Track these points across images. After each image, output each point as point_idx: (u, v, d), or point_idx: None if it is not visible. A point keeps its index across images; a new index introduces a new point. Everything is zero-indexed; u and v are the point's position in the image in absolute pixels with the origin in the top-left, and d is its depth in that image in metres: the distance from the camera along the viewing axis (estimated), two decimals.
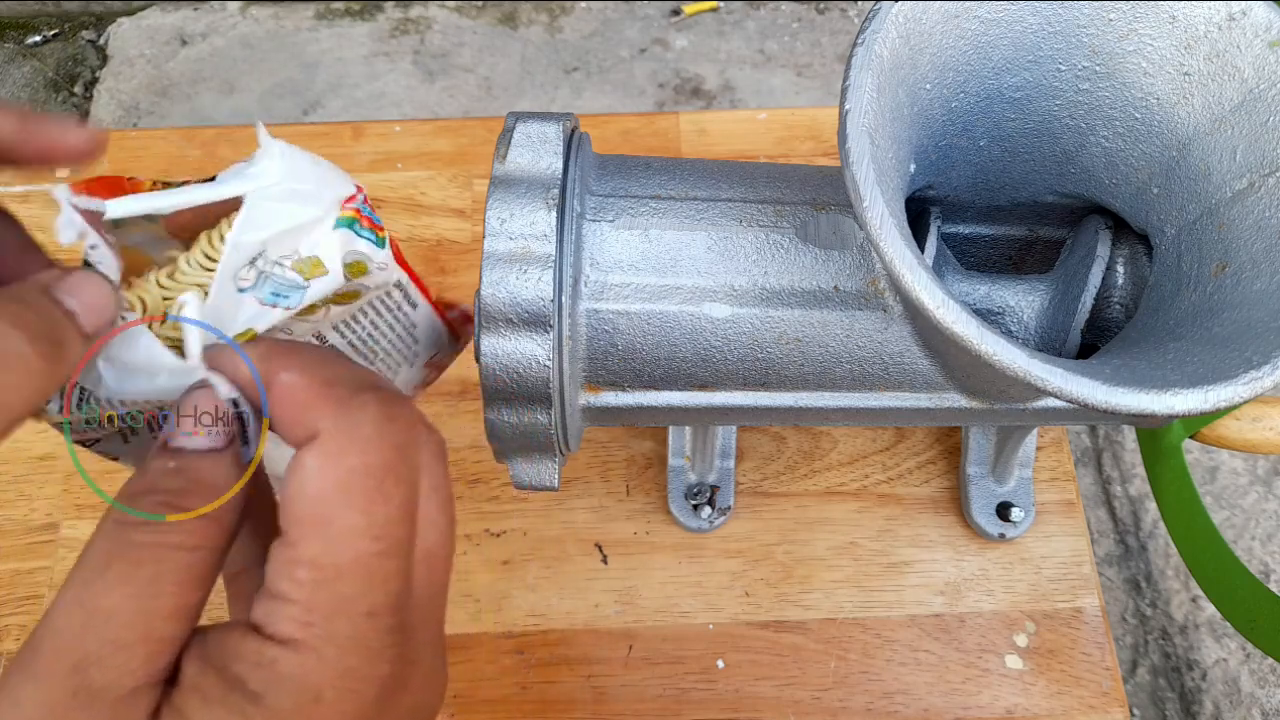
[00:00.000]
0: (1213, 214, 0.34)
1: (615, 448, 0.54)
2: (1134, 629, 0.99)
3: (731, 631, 0.50)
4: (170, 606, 0.21)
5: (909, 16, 0.32)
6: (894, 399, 0.39)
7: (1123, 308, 0.39)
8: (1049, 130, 0.37)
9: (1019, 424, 0.46)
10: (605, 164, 0.39)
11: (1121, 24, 0.34)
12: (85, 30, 1.42)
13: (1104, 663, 0.50)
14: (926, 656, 0.50)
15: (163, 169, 0.62)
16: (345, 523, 0.22)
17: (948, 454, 0.54)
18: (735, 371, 0.38)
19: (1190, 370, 0.30)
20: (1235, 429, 0.44)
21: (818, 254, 0.37)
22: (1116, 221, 0.38)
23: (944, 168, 0.38)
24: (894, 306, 0.36)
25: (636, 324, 0.37)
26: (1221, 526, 1.00)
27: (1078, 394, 0.29)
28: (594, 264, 0.37)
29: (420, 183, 0.62)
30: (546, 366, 0.35)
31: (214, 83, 1.35)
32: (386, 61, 1.36)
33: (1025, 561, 0.52)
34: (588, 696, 0.49)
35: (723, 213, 0.37)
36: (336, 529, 0.22)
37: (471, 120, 0.65)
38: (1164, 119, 0.35)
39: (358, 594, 0.22)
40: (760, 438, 0.55)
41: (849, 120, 0.30)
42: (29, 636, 0.21)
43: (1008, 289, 0.39)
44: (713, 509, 0.51)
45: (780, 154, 0.63)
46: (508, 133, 0.37)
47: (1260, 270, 0.32)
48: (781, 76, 1.35)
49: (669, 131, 0.64)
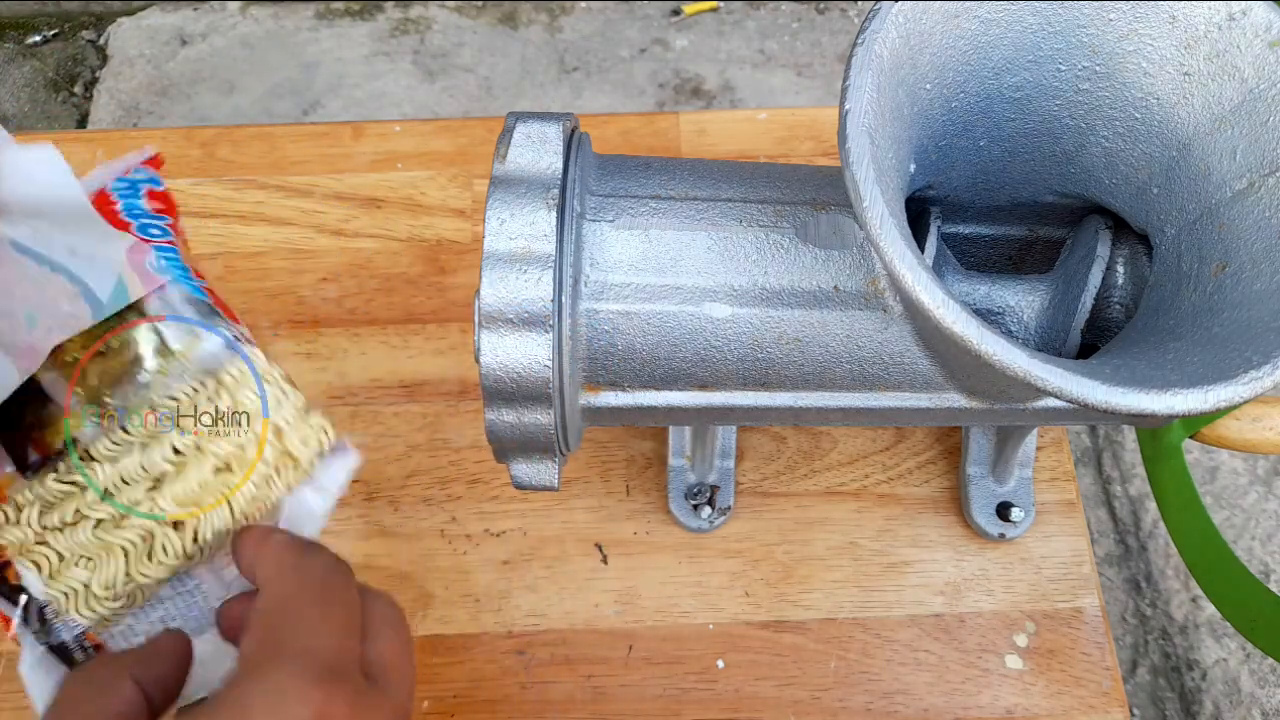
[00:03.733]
0: (1213, 214, 0.34)
1: (615, 448, 0.54)
2: (1134, 629, 0.99)
3: (731, 631, 0.50)
4: None
5: (909, 16, 0.32)
6: (894, 399, 0.39)
7: (1123, 308, 0.39)
8: (1049, 130, 0.37)
9: (1019, 424, 0.46)
10: (605, 164, 0.39)
11: (1121, 24, 0.34)
12: (85, 30, 1.42)
13: (1104, 663, 0.50)
14: (926, 656, 0.50)
15: (162, 169, 0.62)
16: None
17: (948, 454, 0.54)
18: (735, 371, 0.38)
19: (1190, 370, 0.30)
20: (1235, 429, 0.44)
21: (818, 254, 0.37)
22: (1116, 221, 0.38)
23: (944, 168, 0.38)
24: (894, 306, 0.36)
25: (636, 324, 0.37)
26: (1221, 526, 1.00)
27: (1078, 394, 0.29)
28: (594, 264, 0.37)
29: (420, 183, 0.62)
30: (546, 366, 0.35)
31: (214, 83, 1.35)
32: (386, 61, 1.36)
33: (1025, 561, 0.52)
34: (588, 696, 0.49)
35: (723, 213, 0.37)
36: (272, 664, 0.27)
37: (471, 120, 0.65)
38: (1164, 119, 0.35)
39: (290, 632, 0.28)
40: (760, 438, 0.55)
41: (849, 120, 0.30)
42: None
43: (1008, 289, 0.39)
44: (713, 509, 0.51)
45: (780, 154, 0.63)
46: (508, 133, 0.37)
47: (1260, 270, 0.32)
48: (781, 76, 1.35)
49: (669, 131, 0.64)
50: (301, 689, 0.25)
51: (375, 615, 0.30)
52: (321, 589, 0.29)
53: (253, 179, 0.61)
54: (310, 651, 0.27)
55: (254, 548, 0.32)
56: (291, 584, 0.29)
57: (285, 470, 0.34)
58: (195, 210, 0.60)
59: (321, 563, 0.31)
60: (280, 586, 0.29)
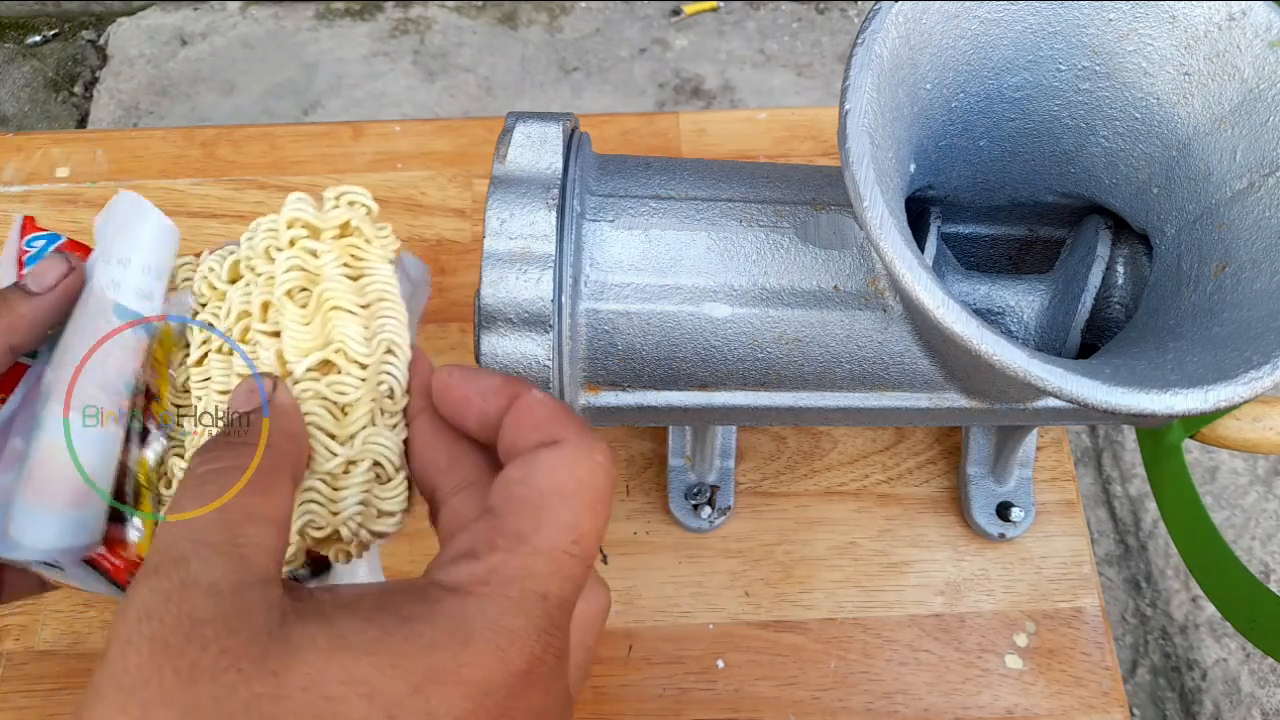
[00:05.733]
0: (1213, 214, 0.34)
1: (615, 448, 0.54)
2: (1134, 629, 0.99)
3: (731, 631, 0.50)
4: (241, 512, 0.24)
5: (909, 16, 0.32)
6: (894, 399, 0.39)
7: (1123, 308, 0.39)
8: (1049, 130, 0.37)
9: (1019, 424, 0.46)
10: (605, 164, 0.39)
11: (1121, 24, 0.34)
12: (85, 30, 1.42)
13: (1104, 663, 0.50)
14: (926, 656, 0.50)
15: (162, 169, 0.62)
16: (557, 516, 0.24)
17: (948, 454, 0.54)
18: (735, 371, 0.38)
19: (1190, 370, 0.30)
20: (1235, 429, 0.44)
21: (818, 254, 0.37)
22: (1116, 221, 0.38)
23: (944, 167, 0.38)
24: (894, 306, 0.36)
25: (636, 324, 0.37)
26: (1221, 526, 1.00)
27: (1078, 394, 0.29)
28: (594, 264, 0.37)
29: (420, 183, 0.62)
30: (546, 366, 0.35)
31: (214, 83, 1.35)
32: (386, 61, 1.36)
33: (1025, 561, 0.52)
34: (588, 696, 0.49)
35: (723, 213, 0.37)
36: (548, 517, 0.24)
37: (471, 120, 0.65)
38: (1164, 119, 0.35)
39: (540, 575, 0.24)
40: (760, 438, 0.55)
41: (849, 120, 0.30)
42: (142, 563, 0.24)
43: (1008, 289, 0.39)
44: (713, 509, 0.51)
45: (780, 154, 0.63)
46: (508, 133, 0.37)
47: (1260, 270, 0.32)
48: (781, 76, 1.35)
49: (669, 131, 0.64)
50: (526, 641, 0.23)
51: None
52: (596, 536, 0.25)
53: (253, 179, 0.61)
54: (549, 598, 0.24)
55: (567, 421, 0.26)
56: (585, 525, 0.25)
57: (356, 246, 0.30)
58: (195, 210, 0.60)
59: (609, 477, 0.26)
60: (563, 515, 0.25)
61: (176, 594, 0.22)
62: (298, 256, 0.30)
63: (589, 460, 0.25)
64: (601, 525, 0.25)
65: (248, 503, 0.24)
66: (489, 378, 0.28)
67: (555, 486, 0.25)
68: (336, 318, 0.29)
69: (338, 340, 0.29)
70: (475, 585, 0.23)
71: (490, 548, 0.24)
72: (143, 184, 0.61)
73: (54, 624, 0.49)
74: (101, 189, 0.61)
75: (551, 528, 0.24)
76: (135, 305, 0.32)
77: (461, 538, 0.25)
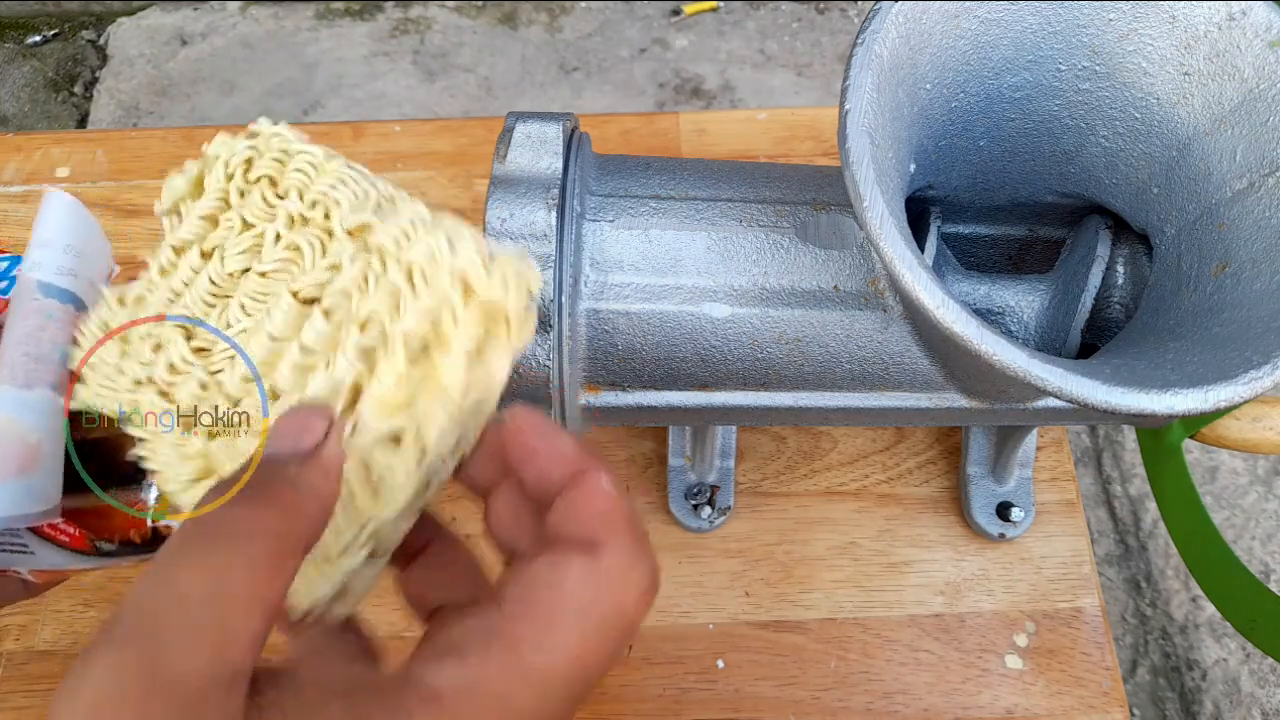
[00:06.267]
0: (1213, 214, 0.34)
1: (615, 448, 0.54)
2: (1134, 629, 0.99)
3: (731, 631, 0.50)
4: (243, 593, 0.21)
5: (909, 16, 0.32)
6: (894, 399, 0.39)
7: (1123, 308, 0.39)
8: (1049, 130, 0.37)
9: (1019, 424, 0.46)
10: (605, 164, 0.39)
11: (1121, 24, 0.34)
12: (85, 30, 1.42)
13: (1104, 663, 0.50)
14: (926, 656, 0.50)
15: (163, 169, 0.62)
16: (565, 638, 0.23)
17: (948, 454, 0.54)
18: (735, 371, 0.38)
19: (1190, 370, 0.30)
20: (1235, 429, 0.44)
21: (818, 254, 0.37)
22: (1116, 221, 0.38)
23: (944, 167, 0.38)
24: (894, 306, 0.36)
25: (636, 324, 0.37)
26: (1221, 526, 1.00)
27: (1078, 394, 0.29)
28: (594, 264, 0.37)
29: (420, 183, 0.62)
30: (546, 366, 0.35)
31: (214, 83, 1.35)
32: (386, 61, 1.36)
33: (1025, 561, 0.52)
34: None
35: (723, 213, 0.37)
36: (556, 637, 0.22)
37: (471, 120, 0.65)
38: (1164, 119, 0.35)
39: (524, 698, 0.22)
40: (760, 438, 0.55)
41: (849, 120, 0.30)
42: (112, 614, 0.21)
43: (1008, 289, 0.39)
44: (713, 509, 0.51)
45: (780, 154, 0.63)
46: (508, 133, 0.37)
47: (1260, 270, 0.32)
48: (781, 76, 1.35)
49: (669, 131, 0.64)
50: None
51: None
52: (605, 665, 0.23)
53: None
54: (556, 674, 0.23)
55: (619, 525, 0.24)
56: (588, 629, 0.23)
57: (495, 329, 0.26)
58: None
59: (639, 602, 0.24)
60: (572, 638, 0.23)
61: (137, 685, 0.19)
62: (441, 309, 0.25)
63: (623, 579, 0.23)
64: (613, 652, 0.23)
65: (250, 583, 0.21)
66: (562, 441, 0.25)
67: (577, 604, 0.23)
68: (436, 396, 0.25)
69: (421, 419, 0.25)
70: (454, 699, 0.22)
71: (485, 648, 0.22)
72: (143, 184, 0.61)
73: (54, 624, 0.49)
74: (102, 189, 0.61)
75: (554, 649, 0.22)
76: (58, 281, 0.33)
77: (460, 629, 0.23)
